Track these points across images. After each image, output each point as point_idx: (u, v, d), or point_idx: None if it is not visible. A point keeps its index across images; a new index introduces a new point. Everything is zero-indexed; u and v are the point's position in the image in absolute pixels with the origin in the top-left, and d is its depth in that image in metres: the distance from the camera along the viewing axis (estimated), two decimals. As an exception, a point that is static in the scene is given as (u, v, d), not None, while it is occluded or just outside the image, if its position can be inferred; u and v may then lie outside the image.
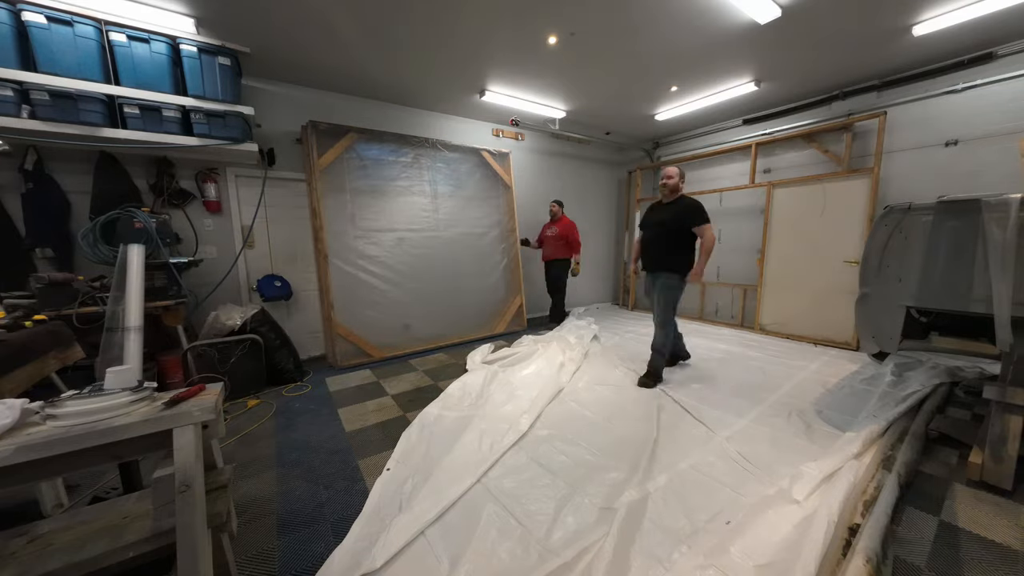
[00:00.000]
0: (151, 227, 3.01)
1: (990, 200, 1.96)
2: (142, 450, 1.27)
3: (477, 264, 5.45)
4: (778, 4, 2.92)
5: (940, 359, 3.65)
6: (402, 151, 4.80)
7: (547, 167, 6.43)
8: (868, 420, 2.59)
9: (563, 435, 2.57)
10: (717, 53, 3.71)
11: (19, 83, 2.61)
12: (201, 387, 1.42)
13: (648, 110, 5.32)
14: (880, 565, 1.46)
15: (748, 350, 4.42)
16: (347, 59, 3.68)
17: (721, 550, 1.59)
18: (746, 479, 2.08)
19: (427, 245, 5.00)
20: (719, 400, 3.06)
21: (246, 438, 2.74)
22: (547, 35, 3.33)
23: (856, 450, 2.21)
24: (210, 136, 3.27)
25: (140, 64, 2.98)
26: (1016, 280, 1.89)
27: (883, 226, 2.44)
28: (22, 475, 1.12)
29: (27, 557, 1.17)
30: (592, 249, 7.21)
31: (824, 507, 1.71)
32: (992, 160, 3.69)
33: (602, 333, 5.14)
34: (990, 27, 3.32)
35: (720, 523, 1.75)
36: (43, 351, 1.88)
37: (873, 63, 3.98)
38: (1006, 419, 2.00)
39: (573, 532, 1.72)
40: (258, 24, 3.07)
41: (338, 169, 4.37)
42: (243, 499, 2.07)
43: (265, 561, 1.67)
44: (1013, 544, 1.66)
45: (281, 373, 3.76)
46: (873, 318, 2.59)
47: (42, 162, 3.08)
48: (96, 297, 2.83)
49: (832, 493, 1.82)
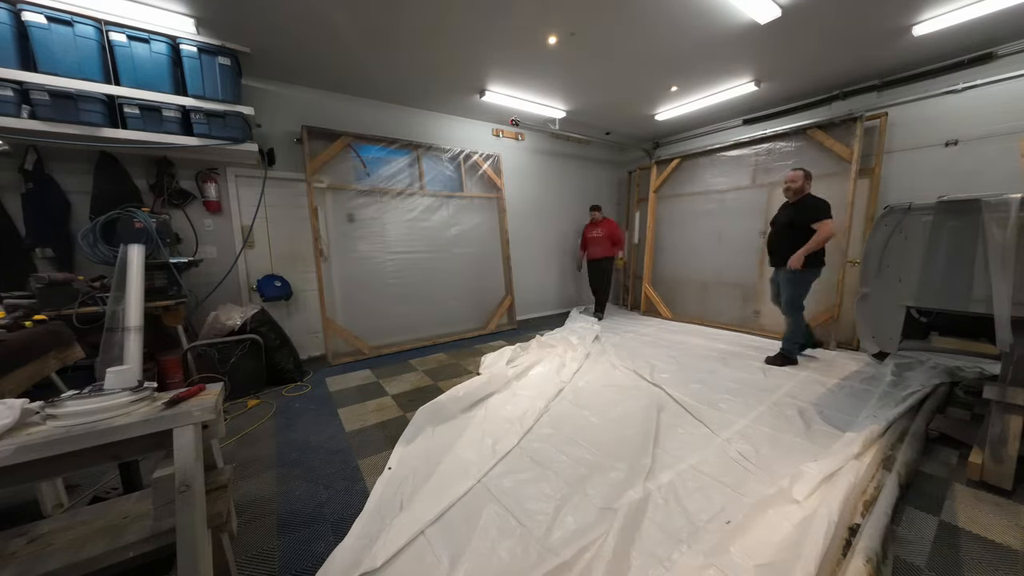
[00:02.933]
0: (151, 227, 3.01)
1: (990, 200, 1.96)
2: (142, 450, 1.27)
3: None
4: (778, 4, 2.92)
5: (940, 359, 3.65)
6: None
7: (547, 167, 6.44)
8: (868, 420, 2.58)
9: (563, 435, 2.57)
10: (717, 53, 3.71)
11: (19, 83, 2.61)
12: (201, 387, 1.42)
13: (648, 110, 5.32)
14: (880, 565, 1.46)
15: (748, 350, 4.42)
16: (347, 59, 3.68)
17: (721, 550, 1.59)
18: (746, 479, 2.08)
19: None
20: (719, 400, 3.06)
21: (246, 438, 2.75)
22: (547, 35, 3.33)
23: (856, 450, 2.20)
24: (210, 136, 3.27)
25: (140, 64, 2.98)
26: (1016, 280, 1.89)
27: (883, 226, 2.44)
28: (22, 475, 1.12)
29: (27, 557, 1.17)
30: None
31: (824, 507, 1.71)
32: (992, 160, 3.68)
33: (603, 333, 5.14)
34: (990, 27, 3.32)
35: (720, 523, 1.75)
36: (43, 351, 1.88)
37: (873, 63, 3.98)
38: (1006, 419, 2.00)
39: (573, 531, 1.72)
40: (258, 24, 3.07)
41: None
42: (243, 499, 2.07)
43: (265, 561, 1.67)
44: (1013, 544, 1.65)
45: (281, 373, 3.76)
46: (873, 318, 2.59)
47: (42, 162, 3.08)
48: (96, 297, 2.84)
49: (832, 493, 1.81)
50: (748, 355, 4.22)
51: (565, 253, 6.81)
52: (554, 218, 6.60)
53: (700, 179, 6.02)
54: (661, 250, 6.57)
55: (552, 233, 6.61)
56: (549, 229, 6.56)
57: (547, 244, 6.57)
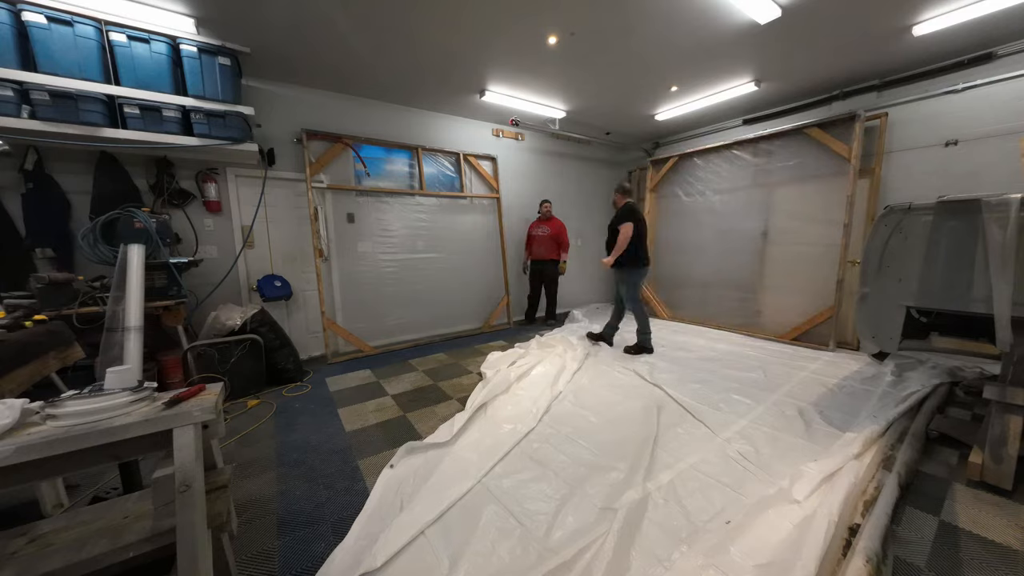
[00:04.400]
0: (151, 227, 3.01)
1: (990, 200, 1.96)
2: (142, 450, 1.27)
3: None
4: (778, 4, 2.92)
5: (940, 359, 3.64)
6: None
7: (547, 167, 6.44)
8: (868, 420, 2.59)
9: (564, 435, 2.58)
10: (717, 53, 3.71)
11: (19, 83, 2.61)
12: (201, 387, 1.42)
13: (648, 110, 5.32)
14: (880, 565, 1.46)
15: (748, 350, 4.42)
16: (347, 59, 3.68)
17: (721, 550, 1.59)
18: (746, 479, 2.08)
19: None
20: (719, 400, 3.05)
21: (246, 438, 2.74)
22: (547, 35, 3.33)
23: (856, 450, 2.21)
24: (210, 136, 3.27)
25: (140, 64, 2.98)
26: (1016, 280, 1.89)
27: (883, 226, 2.44)
28: (22, 475, 1.12)
29: (27, 557, 1.17)
30: (592, 249, 7.22)
31: (824, 507, 1.71)
32: (992, 160, 3.68)
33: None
34: (990, 27, 3.31)
35: (720, 523, 1.74)
36: (43, 351, 1.88)
37: (873, 63, 3.98)
38: (1006, 419, 2.00)
39: (573, 531, 1.72)
40: (258, 24, 3.07)
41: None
42: (243, 499, 2.07)
43: (265, 561, 1.67)
44: (1013, 544, 1.65)
45: (281, 373, 3.75)
46: (873, 318, 2.59)
47: (42, 162, 3.08)
48: (96, 297, 2.84)
49: (832, 493, 1.82)
50: (747, 355, 4.23)
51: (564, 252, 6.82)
52: (554, 218, 6.61)
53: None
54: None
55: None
56: (549, 229, 6.57)
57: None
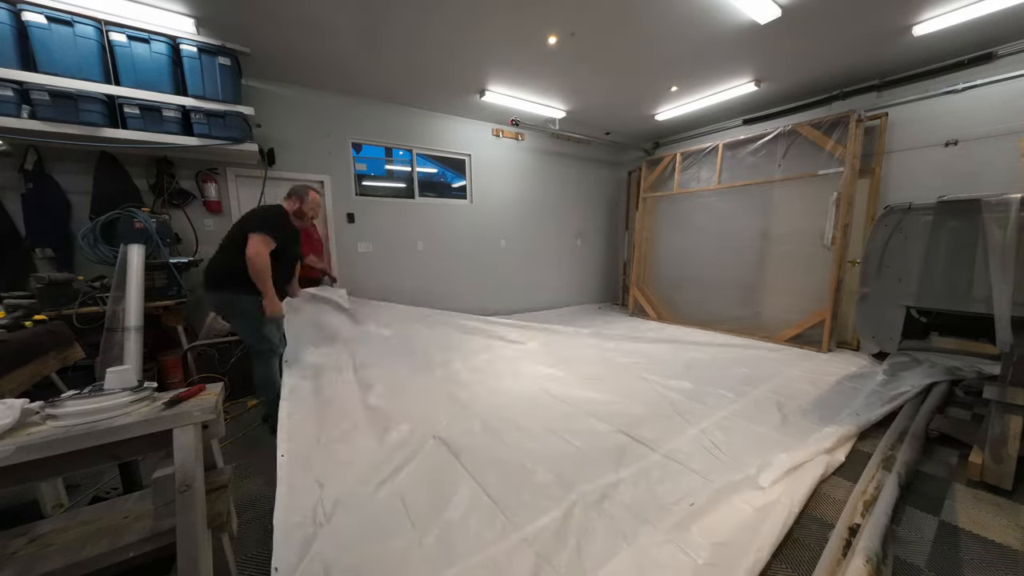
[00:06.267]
0: (151, 227, 3.01)
1: (990, 200, 1.96)
2: (142, 450, 1.27)
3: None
4: (778, 4, 2.92)
5: (940, 359, 3.64)
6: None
7: (547, 167, 6.44)
8: (850, 418, 2.61)
9: (540, 424, 2.59)
10: (717, 53, 3.71)
11: (19, 83, 2.61)
12: (201, 387, 1.42)
13: (648, 110, 5.32)
14: (880, 565, 1.45)
15: (742, 350, 4.40)
16: (347, 59, 3.68)
17: (682, 528, 1.65)
18: (716, 467, 2.11)
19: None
20: (701, 393, 3.07)
21: (246, 438, 2.74)
22: (547, 35, 3.33)
23: (829, 445, 2.24)
24: (210, 136, 3.27)
25: (140, 64, 2.98)
26: (1016, 280, 1.89)
27: (883, 226, 2.44)
28: (22, 475, 1.12)
29: (27, 557, 1.17)
30: (592, 249, 7.24)
31: (787, 495, 1.78)
32: (992, 160, 3.68)
33: (604, 333, 5.12)
34: (990, 27, 3.31)
35: (684, 505, 1.79)
36: (43, 351, 1.88)
37: (873, 63, 3.98)
38: (1006, 419, 2.00)
39: (540, 511, 1.76)
40: (258, 24, 3.07)
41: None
42: (243, 499, 2.07)
43: (265, 561, 1.67)
44: (1013, 544, 1.65)
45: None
46: (873, 318, 2.59)
47: (42, 162, 3.08)
48: (96, 297, 2.84)
49: (797, 482, 1.88)
50: (741, 355, 4.20)
51: (564, 252, 6.87)
52: (554, 217, 6.62)
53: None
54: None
55: (552, 232, 6.64)
56: (549, 228, 6.59)
57: (547, 243, 6.60)
